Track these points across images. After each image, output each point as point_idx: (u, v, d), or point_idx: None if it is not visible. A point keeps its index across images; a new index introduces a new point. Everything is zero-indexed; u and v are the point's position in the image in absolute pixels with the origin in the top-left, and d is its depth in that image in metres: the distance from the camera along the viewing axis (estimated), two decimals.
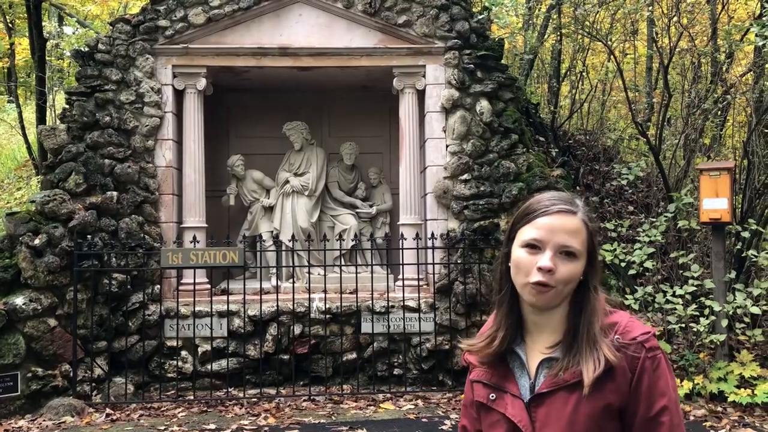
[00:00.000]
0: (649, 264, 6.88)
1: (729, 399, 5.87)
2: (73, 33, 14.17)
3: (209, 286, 7.05)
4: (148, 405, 6.40)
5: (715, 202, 6.43)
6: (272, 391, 6.74)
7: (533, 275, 1.51)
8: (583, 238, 1.54)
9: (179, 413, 6.15)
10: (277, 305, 6.86)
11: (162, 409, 6.29)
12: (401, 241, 7.15)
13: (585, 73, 11.41)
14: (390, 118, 8.64)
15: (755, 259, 6.68)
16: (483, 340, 1.65)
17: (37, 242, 6.42)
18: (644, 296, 6.73)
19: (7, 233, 6.57)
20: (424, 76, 7.53)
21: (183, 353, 6.88)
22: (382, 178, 8.67)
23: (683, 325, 6.44)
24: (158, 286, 6.98)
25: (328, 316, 6.93)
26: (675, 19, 8.16)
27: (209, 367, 6.78)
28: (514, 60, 11.95)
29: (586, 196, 8.44)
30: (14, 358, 6.19)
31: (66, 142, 6.94)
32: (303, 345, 6.92)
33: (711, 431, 5.41)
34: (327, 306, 6.91)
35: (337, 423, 5.76)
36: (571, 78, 11.62)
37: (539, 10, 11.37)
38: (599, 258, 1.60)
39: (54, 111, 11.48)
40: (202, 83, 7.41)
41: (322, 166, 8.28)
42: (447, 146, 7.43)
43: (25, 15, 10.91)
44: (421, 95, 7.61)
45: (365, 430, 5.54)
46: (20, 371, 6.23)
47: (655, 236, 7.02)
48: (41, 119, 10.29)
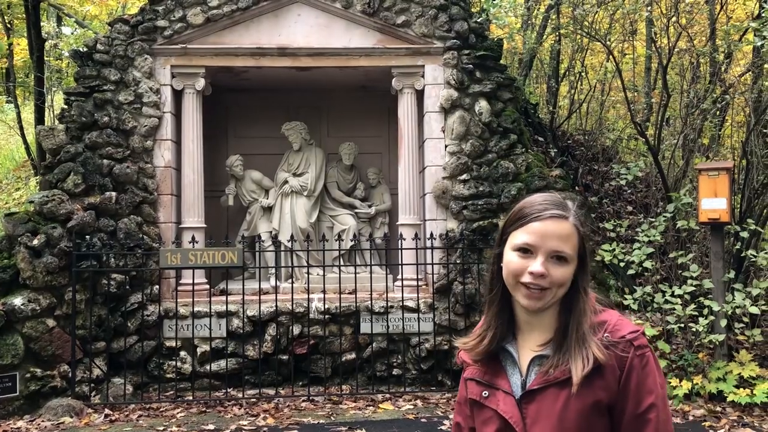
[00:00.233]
0: (648, 264, 6.88)
1: (728, 399, 5.87)
2: (72, 33, 14.16)
3: (208, 287, 7.04)
4: (147, 405, 6.40)
5: (714, 202, 6.44)
6: (271, 392, 6.73)
7: (524, 277, 1.54)
8: (575, 243, 1.57)
9: (178, 414, 6.15)
10: (276, 305, 6.86)
11: (161, 410, 6.29)
12: (400, 242, 7.15)
13: (584, 74, 11.41)
14: (389, 118, 8.64)
15: (754, 259, 6.68)
16: (474, 339, 1.68)
17: (36, 243, 6.41)
18: (643, 296, 6.73)
19: (6, 234, 6.56)
20: (423, 76, 7.53)
21: (182, 354, 6.88)
22: (381, 179, 8.67)
23: (682, 325, 6.44)
24: (157, 287, 6.97)
25: (327, 317, 6.93)
26: (674, 20, 8.16)
27: (208, 368, 6.77)
28: (513, 60, 11.97)
29: (585, 197, 8.44)
30: (13, 359, 6.19)
31: (64, 143, 6.93)
32: (302, 345, 6.92)
33: (710, 431, 5.41)
34: (326, 306, 6.91)
35: (336, 423, 5.76)
36: (570, 78, 11.62)
37: (538, 11, 11.38)
38: (590, 260, 1.63)
39: (52, 111, 11.47)
40: (201, 83, 7.40)
41: (321, 167, 8.28)
42: (446, 146, 7.43)
43: (24, 15, 10.89)
44: (420, 95, 7.61)
45: (364, 431, 5.53)
46: (19, 372, 6.22)
47: (654, 236, 7.02)
48: (40, 119, 10.28)
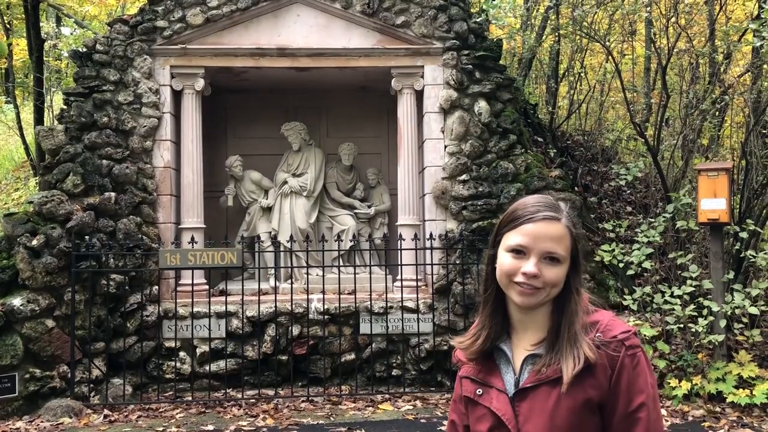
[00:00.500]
0: (648, 264, 6.89)
1: (727, 399, 5.87)
2: (71, 33, 14.14)
3: (207, 287, 7.04)
4: (146, 406, 6.39)
5: (714, 203, 6.44)
6: (270, 392, 6.73)
7: (518, 277, 1.58)
8: (567, 244, 1.60)
9: (177, 414, 6.14)
10: (276, 306, 6.86)
11: (160, 410, 6.28)
12: (400, 242, 7.15)
13: (583, 74, 11.41)
14: (388, 119, 8.64)
15: (753, 260, 6.68)
16: (469, 338, 1.72)
17: (35, 243, 6.40)
18: (643, 297, 6.73)
19: (5, 234, 6.56)
20: (423, 77, 7.53)
21: (181, 354, 6.87)
22: (381, 179, 8.66)
23: (682, 326, 6.44)
24: (156, 287, 6.97)
25: (327, 317, 6.93)
26: (673, 20, 8.16)
27: (207, 368, 6.77)
28: (513, 60, 11.96)
29: (584, 197, 8.44)
30: (12, 359, 6.18)
31: (64, 143, 6.93)
32: (301, 346, 6.92)
33: (709, 431, 5.42)
34: (325, 307, 6.91)
35: (336, 424, 5.75)
36: (570, 78, 11.62)
37: (537, 11, 11.38)
38: (583, 261, 1.66)
39: (52, 112, 11.46)
40: (200, 84, 7.40)
41: (321, 167, 8.28)
42: (445, 147, 7.43)
43: (23, 15, 10.89)
44: (420, 96, 7.61)
45: (363, 431, 5.53)
46: (18, 372, 6.22)
47: (654, 237, 7.02)
48: (39, 120, 10.27)
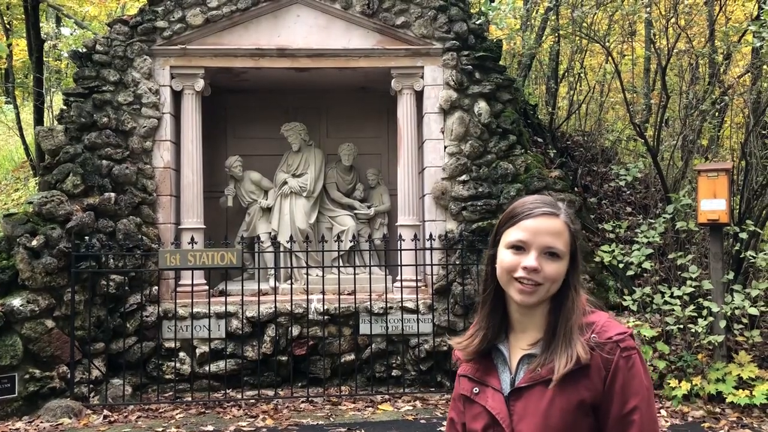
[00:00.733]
0: (648, 265, 6.88)
1: (727, 400, 5.87)
2: (71, 34, 14.15)
3: (207, 288, 7.04)
4: (146, 406, 6.39)
5: (713, 203, 6.44)
6: (270, 393, 6.73)
7: (518, 272, 1.58)
8: (566, 240, 1.60)
9: (177, 415, 6.14)
10: (275, 306, 6.86)
11: (160, 411, 6.28)
12: (399, 242, 7.15)
13: (583, 75, 11.42)
14: (388, 119, 8.64)
15: (753, 260, 6.68)
16: (467, 338, 1.72)
17: (35, 243, 6.40)
18: (642, 297, 6.73)
19: (5, 234, 6.55)
20: (423, 77, 7.53)
21: (181, 354, 6.87)
22: (381, 179, 8.66)
23: (681, 326, 6.44)
24: (156, 288, 6.97)
25: (327, 318, 6.93)
26: (673, 21, 8.16)
27: (207, 369, 6.77)
28: (512, 61, 11.96)
29: (584, 197, 8.44)
30: (12, 360, 6.18)
31: (64, 143, 6.93)
32: (301, 346, 6.92)
33: None
34: (325, 307, 6.91)
35: (336, 424, 5.75)
36: (569, 79, 11.63)
37: (536, 12, 11.38)
38: (581, 259, 1.66)
39: (52, 112, 11.46)
40: (200, 84, 7.40)
41: (321, 167, 8.28)
42: (445, 147, 7.43)
43: (23, 16, 10.89)
44: (420, 96, 7.61)
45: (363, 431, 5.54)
46: (18, 373, 6.21)
47: (654, 237, 7.02)
48: (39, 120, 10.27)
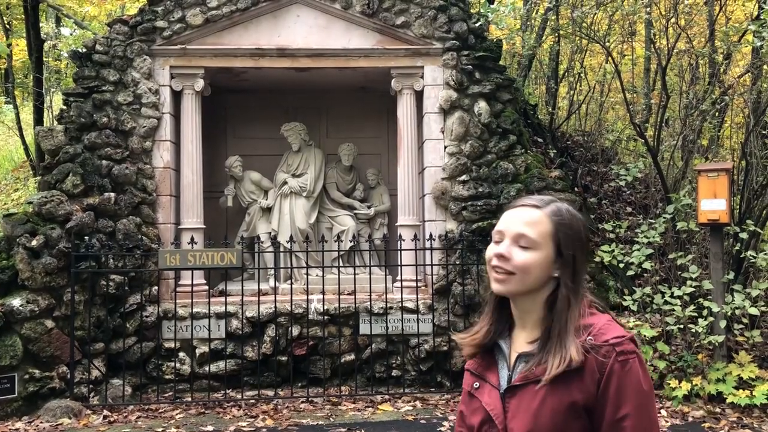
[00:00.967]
0: (648, 265, 6.88)
1: (728, 400, 5.87)
2: (71, 34, 14.15)
3: (207, 288, 7.03)
4: (146, 407, 6.39)
5: (713, 203, 6.43)
6: (270, 393, 6.72)
7: (493, 261, 1.61)
8: (542, 230, 1.59)
9: (177, 415, 6.14)
10: (275, 306, 6.85)
11: (159, 411, 6.28)
12: (399, 242, 7.14)
13: (583, 75, 11.41)
14: (388, 119, 8.64)
15: (753, 260, 6.68)
16: (471, 333, 1.74)
17: (35, 243, 6.40)
18: (643, 297, 6.72)
19: (5, 234, 6.55)
20: (422, 77, 7.52)
21: (181, 355, 6.87)
22: (381, 179, 8.66)
23: (682, 326, 6.44)
24: (156, 288, 6.97)
25: (327, 318, 6.92)
26: (673, 21, 8.15)
27: (207, 369, 6.76)
28: (512, 61, 11.96)
29: (584, 197, 8.44)
30: (11, 360, 6.17)
31: (63, 143, 6.93)
32: (301, 346, 6.91)
33: None
34: (325, 307, 6.90)
35: (336, 424, 5.75)
36: (569, 79, 11.62)
37: (536, 12, 11.37)
38: (580, 259, 1.62)
39: (51, 112, 11.45)
40: (200, 84, 7.40)
41: (320, 167, 8.27)
42: (445, 147, 7.42)
43: (23, 16, 10.89)
44: (420, 96, 7.61)
45: None
46: (17, 373, 6.21)
47: (654, 237, 7.02)
48: (39, 120, 10.27)
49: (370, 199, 8.64)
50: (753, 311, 6.18)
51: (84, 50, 7.24)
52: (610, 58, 8.82)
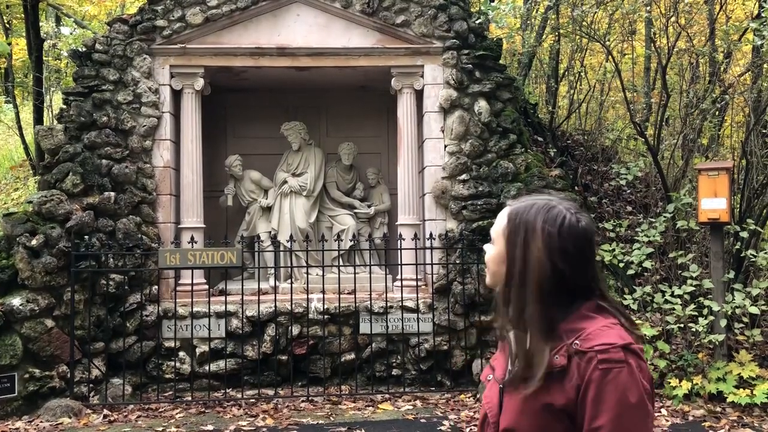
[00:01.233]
0: (648, 264, 6.88)
1: (728, 399, 5.87)
2: (71, 33, 14.13)
3: (207, 287, 7.03)
4: (146, 406, 6.38)
5: (714, 202, 6.43)
6: (270, 392, 6.72)
7: None
8: (498, 227, 1.64)
9: (177, 414, 6.14)
10: (275, 306, 6.85)
11: (160, 410, 6.28)
12: (399, 242, 7.14)
13: (583, 74, 11.41)
14: (388, 118, 8.63)
15: (754, 259, 6.68)
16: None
17: (35, 243, 6.39)
18: (643, 296, 6.72)
19: (4, 234, 6.54)
20: (423, 76, 7.52)
21: (181, 354, 6.86)
22: (381, 179, 8.65)
23: (682, 325, 6.44)
24: (156, 287, 6.96)
25: (327, 317, 6.92)
26: (673, 20, 8.14)
27: (207, 368, 6.76)
28: (513, 60, 11.95)
29: (585, 197, 8.44)
30: (11, 359, 6.17)
31: (63, 143, 6.92)
32: (301, 346, 6.91)
33: (710, 431, 5.41)
34: (325, 306, 6.90)
35: (336, 424, 5.75)
36: (569, 78, 11.61)
37: (536, 11, 11.36)
38: (526, 256, 1.55)
39: (51, 111, 11.44)
40: (200, 83, 7.39)
41: (320, 167, 8.26)
42: (445, 146, 7.42)
43: (23, 15, 10.87)
44: (420, 95, 7.60)
45: (363, 431, 5.53)
46: (17, 372, 6.20)
47: (654, 236, 7.01)
48: (38, 119, 10.26)
49: (370, 199, 8.63)
50: (753, 310, 6.18)
51: (84, 49, 7.24)
52: (611, 57, 8.82)
